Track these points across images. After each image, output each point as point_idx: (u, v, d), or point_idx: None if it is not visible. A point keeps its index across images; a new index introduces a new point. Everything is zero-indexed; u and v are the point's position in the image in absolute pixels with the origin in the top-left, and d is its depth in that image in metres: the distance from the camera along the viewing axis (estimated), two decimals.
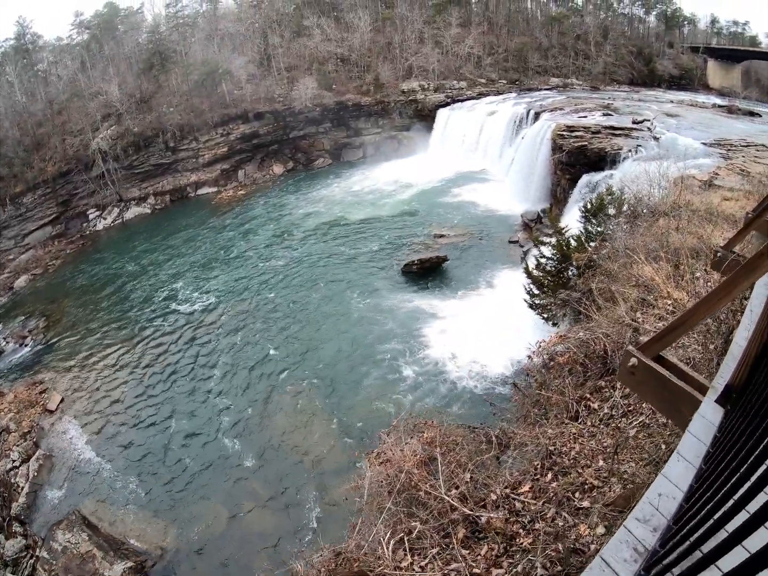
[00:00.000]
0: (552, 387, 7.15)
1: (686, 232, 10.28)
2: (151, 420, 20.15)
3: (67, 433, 20.48)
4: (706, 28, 79.85)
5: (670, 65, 66.46)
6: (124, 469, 18.13)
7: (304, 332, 23.78)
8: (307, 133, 53.56)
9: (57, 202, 45.24)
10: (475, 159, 43.98)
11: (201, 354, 23.57)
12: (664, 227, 10.74)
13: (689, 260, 8.51)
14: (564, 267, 12.42)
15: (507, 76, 58.93)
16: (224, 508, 15.85)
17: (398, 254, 29.27)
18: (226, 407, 19.99)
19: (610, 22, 71.53)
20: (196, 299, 28.79)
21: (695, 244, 9.20)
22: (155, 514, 16.28)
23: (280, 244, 34.57)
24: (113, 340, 26.28)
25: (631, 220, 12.31)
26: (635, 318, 7.35)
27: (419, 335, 21.93)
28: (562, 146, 29.92)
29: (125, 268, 35.48)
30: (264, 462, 17.27)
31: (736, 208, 13.79)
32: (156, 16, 65.14)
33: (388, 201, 38.95)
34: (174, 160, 50.04)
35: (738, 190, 17.42)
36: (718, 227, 11.09)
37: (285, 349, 22.77)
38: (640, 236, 10.51)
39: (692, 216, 11.64)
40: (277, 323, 24.90)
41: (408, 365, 20.24)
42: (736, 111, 42.47)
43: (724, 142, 28.97)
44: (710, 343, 5.97)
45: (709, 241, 9.46)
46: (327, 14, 62.52)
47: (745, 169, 23.74)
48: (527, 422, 7.22)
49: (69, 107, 49.25)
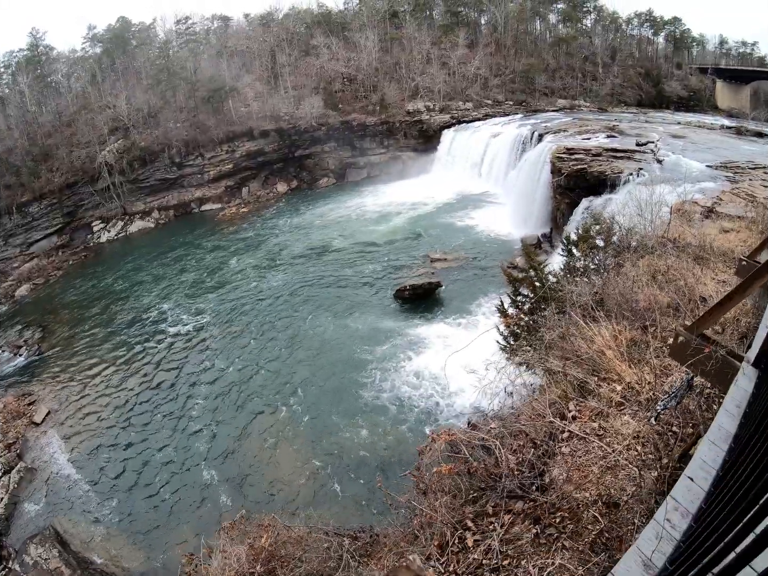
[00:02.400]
0: (430, 498, 5.33)
1: (669, 276, 8.89)
2: (132, 440, 20.03)
3: (50, 447, 20.50)
4: (715, 49, 79.70)
5: (678, 86, 66.19)
6: (101, 489, 18.06)
7: (287, 358, 23.50)
8: (313, 152, 53.83)
9: (63, 213, 45.59)
10: (478, 181, 43.73)
11: (187, 377, 23.36)
12: (643, 270, 9.34)
13: (660, 323, 6.87)
14: (542, 308, 11.63)
15: (514, 98, 58.91)
16: (193, 536, 15.43)
17: (393, 278, 28.88)
18: (205, 433, 19.77)
19: (619, 43, 71.61)
20: (188, 320, 28.58)
21: (674, 297, 7.62)
22: (126, 537, 16.11)
23: (276, 264, 34.38)
24: (103, 357, 26.28)
25: (615, 255, 11.17)
26: (565, 411, 5.69)
27: (398, 368, 21.26)
28: (561, 169, 29.36)
29: (123, 284, 35.50)
30: (238, 492, 16.91)
31: (736, 242, 12.59)
32: (167, 32, 66.35)
33: (389, 222, 38.71)
34: (179, 176, 50.37)
35: (740, 218, 16.24)
36: (711, 267, 9.97)
37: (267, 374, 22.56)
38: (609, 283, 9.17)
39: (681, 254, 10.55)
40: (263, 347, 24.68)
41: (377, 406, 19.57)
42: (744, 132, 41.90)
43: (730, 165, 28.23)
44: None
45: (695, 289, 8.33)
46: (336, 34, 63.22)
47: (751, 194, 23.04)
48: (404, 533, 5.65)
49: (77, 119, 49.76)
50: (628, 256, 10.46)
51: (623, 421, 5.05)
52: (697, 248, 10.70)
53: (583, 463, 4.66)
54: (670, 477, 3.89)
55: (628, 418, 5.04)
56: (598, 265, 10.91)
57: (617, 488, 4.34)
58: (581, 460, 4.71)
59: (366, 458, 17.18)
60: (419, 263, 30.25)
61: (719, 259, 10.55)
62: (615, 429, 4.98)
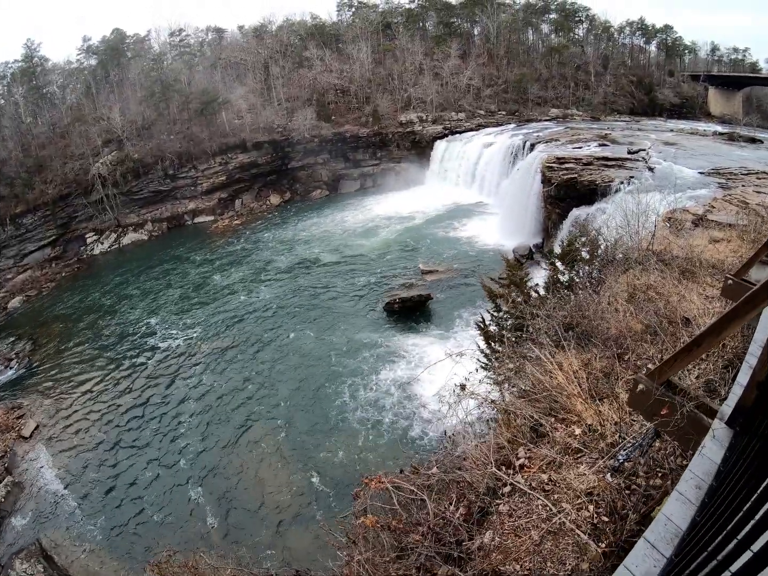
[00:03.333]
0: (360, 547, 4.67)
1: (649, 295, 8.15)
2: (119, 457, 19.89)
3: (38, 462, 20.39)
4: (707, 56, 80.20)
5: (670, 94, 66.50)
6: (87, 505, 17.96)
7: (272, 374, 23.33)
8: (306, 163, 53.76)
9: (56, 225, 45.33)
10: (471, 191, 43.70)
11: (174, 393, 23.20)
12: (622, 287, 8.70)
13: (635, 350, 6.12)
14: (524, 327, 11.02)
15: (506, 108, 59.08)
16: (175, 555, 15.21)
17: (383, 290, 28.59)
18: (193, 450, 19.54)
19: (611, 52, 72.03)
20: (176, 335, 28.33)
21: (653, 320, 6.73)
22: (111, 554, 15.98)
23: (265, 278, 34.18)
24: (92, 372, 26.17)
25: (601, 268, 10.62)
26: (513, 458, 4.87)
27: (380, 384, 20.98)
28: (551, 179, 29.17)
29: (113, 298, 35.31)
30: (224, 512, 16.62)
31: (727, 252, 11.88)
32: (162, 44, 66.62)
33: (381, 234, 38.54)
34: (173, 188, 50.18)
35: (731, 227, 15.42)
36: (699, 281, 9.30)
37: (253, 391, 22.40)
38: (582, 304, 8.33)
39: (666, 268, 9.89)
40: (250, 363, 24.53)
41: (361, 417, 19.44)
42: (736, 138, 42.00)
43: (723, 171, 28.25)
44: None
45: (677, 309, 7.46)
46: (329, 45, 63.48)
47: (744, 200, 22.80)
48: None
49: (71, 131, 49.64)
50: (611, 270, 9.98)
51: (578, 472, 4.29)
52: (684, 260, 10.12)
53: (522, 526, 4.03)
54: (626, 542, 3.42)
55: (585, 469, 4.29)
56: (582, 279, 10.57)
57: (556, 560, 3.66)
58: (520, 522, 4.09)
59: (335, 484, 16.94)
60: (410, 275, 30.00)
61: (708, 272, 9.91)
62: (567, 483, 4.23)
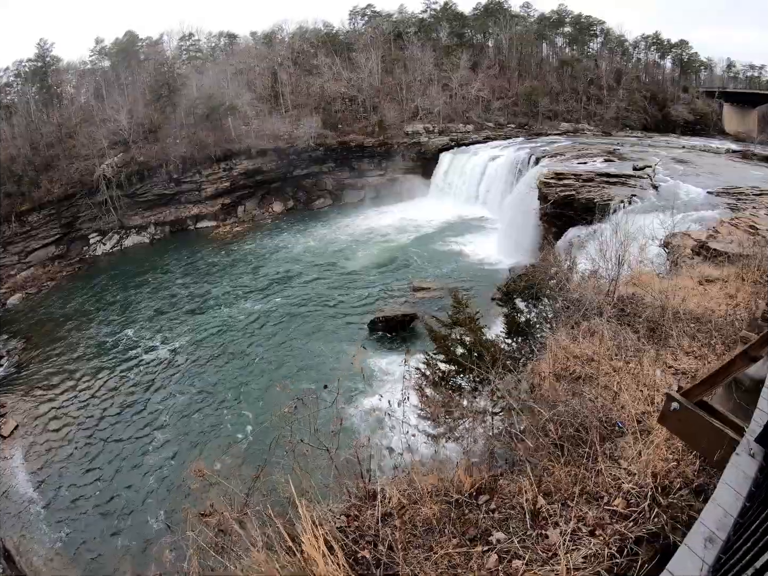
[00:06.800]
0: None
1: (587, 371, 6.12)
2: (94, 465, 19.73)
3: (12, 461, 20.33)
4: (723, 73, 78.87)
5: (684, 110, 65.35)
6: (56, 511, 17.84)
7: (246, 388, 23.16)
8: (311, 172, 53.42)
9: (61, 224, 45.46)
10: (475, 205, 42.95)
11: (156, 404, 22.99)
12: (556, 356, 6.67)
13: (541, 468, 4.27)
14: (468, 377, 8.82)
15: (516, 121, 58.37)
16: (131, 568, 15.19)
17: (373, 307, 28.06)
18: (165, 466, 19.22)
19: (624, 66, 71.10)
20: (162, 345, 28.07)
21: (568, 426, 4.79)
22: (72, 561, 15.82)
23: (260, 287, 33.87)
24: (79, 376, 26.04)
25: (557, 314, 8.88)
26: None
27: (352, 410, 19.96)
28: (547, 196, 28.17)
29: (109, 300, 35.37)
30: (181, 533, 16.13)
31: (720, 297, 9.48)
32: (173, 48, 67.01)
33: (379, 247, 38.03)
34: (177, 192, 50.10)
35: (731, 261, 12.60)
36: (672, 344, 6.97)
37: (231, 403, 22.21)
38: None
39: (629, 325, 7.68)
40: (232, 375, 24.41)
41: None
42: (750, 156, 40.96)
43: (733, 191, 27.05)
44: None
45: (616, 401, 5.31)
46: (340, 54, 63.32)
47: (753, 225, 21.57)
48: None
49: (78, 132, 49.88)
50: (563, 320, 8.41)
51: None
52: (657, 310, 8.00)
53: None
54: None
55: None
56: (537, 325, 9.49)
57: None
58: None
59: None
60: (402, 292, 29.42)
61: (690, 328, 7.46)
62: None
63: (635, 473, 3.92)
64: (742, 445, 3.09)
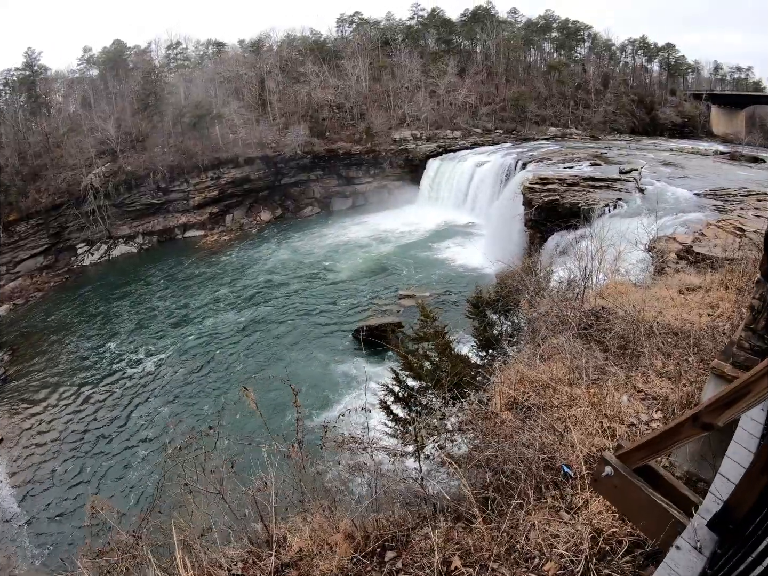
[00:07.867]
0: None
1: (544, 396, 5.42)
2: (77, 481, 19.63)
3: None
4: (710, 75, 79.36)
5: (672, 113, 65.57)
6: (35, 527, 17.77)
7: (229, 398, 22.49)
8: (299, 180, 53.17)
9: (49, 234, 45.16)
10: (463, 211, 42.69)
11: (141, 419, 22.96)
12: (511, 377, 5.95)
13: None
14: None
15: (504, 126, 58.32)
16: None
17: (358, 316, 27.89)
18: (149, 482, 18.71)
19: (612, 70, 71.37)
20: (147, 358, 27.93)
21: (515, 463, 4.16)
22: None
23: (246, 298, 33.67)
24: (64, 390, 26.03)
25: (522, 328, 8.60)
26: None
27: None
28: (532, 201, 27.90)
29: (95, 311, 35.27)
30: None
31: (702, 308, 8.00)
32: (162, 58, 66.76)
33: (366, 255, 37.82)
34: (165, 201, 49.74)
35: (714, 268, 10.94)
36: (643, 364, 5.87)
37: (213, 416, 21.40)
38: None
39: (596, 341, 6.90)
40: (216, 386, 24.40)
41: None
42: (738, 157, 41.08)
43: (720, 192, 26.93)
44: None
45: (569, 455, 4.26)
46: (328, 61, 63.18)
47: (739, 226, 21.37)
48: None
49: (66, 141, 49.44)
50: (528, 335, 7.89)
51: None
52: (630, 325, 6.98)
53: None
54: None
55: None
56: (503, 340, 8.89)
57: None
58: None
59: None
60: (389, 300, 29.21)
61: (666, 344, 6.42)
62: None
63: (578, 530, 3.56)
64: (687, 532, 2.42)
